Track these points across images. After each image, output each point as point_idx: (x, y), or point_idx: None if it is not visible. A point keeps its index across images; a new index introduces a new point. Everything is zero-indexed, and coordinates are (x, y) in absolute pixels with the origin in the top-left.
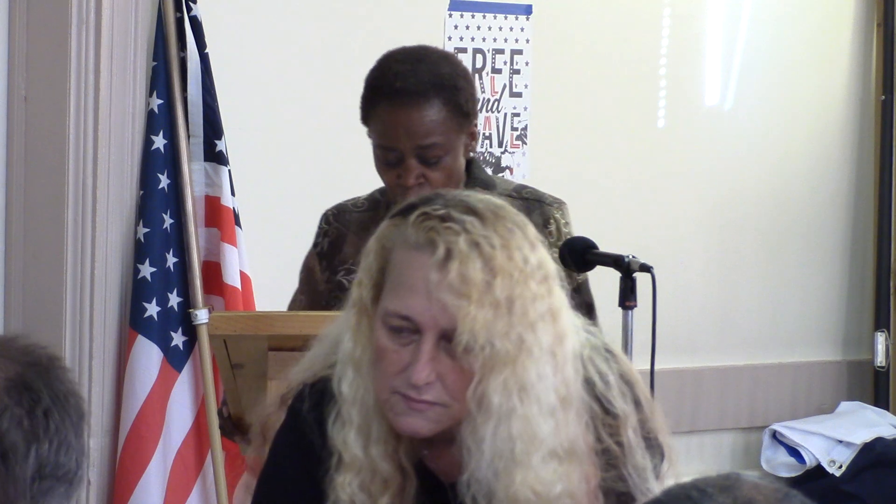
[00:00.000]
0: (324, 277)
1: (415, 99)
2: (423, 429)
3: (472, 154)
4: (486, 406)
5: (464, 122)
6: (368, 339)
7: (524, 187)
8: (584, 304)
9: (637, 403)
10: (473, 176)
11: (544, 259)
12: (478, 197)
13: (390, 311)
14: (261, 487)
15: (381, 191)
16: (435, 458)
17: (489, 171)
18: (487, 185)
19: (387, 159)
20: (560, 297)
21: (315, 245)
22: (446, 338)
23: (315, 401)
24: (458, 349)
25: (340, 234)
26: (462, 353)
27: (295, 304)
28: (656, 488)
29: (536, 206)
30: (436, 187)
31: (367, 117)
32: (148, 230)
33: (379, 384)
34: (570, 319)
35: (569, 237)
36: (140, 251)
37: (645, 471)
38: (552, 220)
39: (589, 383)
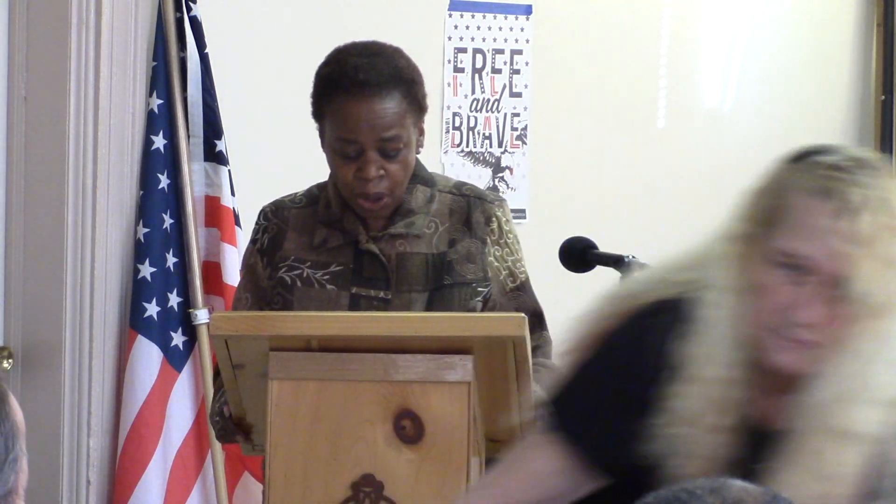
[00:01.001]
0: (266, 274)
1: (376, 91)
2: (796, 366)
3: (420, 149)
4: (846, 344)
5: (419, 116)
6: (743, 271)
7: (464, 184)
8: (532, 312)
9: None
10: (414, 172)
11: None
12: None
13: (786, 251)
14: (589, 376)
15: (318, 186)
16: (759, 405)
17: (489, 170)
18: (428, 182)
19: (345, 152)
20: None
21: (254, 241)
22: (831, 283)
23: (675, 316)
24: (844, 295)
25: (280, 231)
26: (846, 299)
27: (240, 303)
28: None
29: (478, 204)
30: (394, 181)
31: (321, 112)
32: (148, 230)
33: (757, 318)
34: None
35: (569, 237)
36: (140, 251)
37: None
38: (494, 218)
39: None
